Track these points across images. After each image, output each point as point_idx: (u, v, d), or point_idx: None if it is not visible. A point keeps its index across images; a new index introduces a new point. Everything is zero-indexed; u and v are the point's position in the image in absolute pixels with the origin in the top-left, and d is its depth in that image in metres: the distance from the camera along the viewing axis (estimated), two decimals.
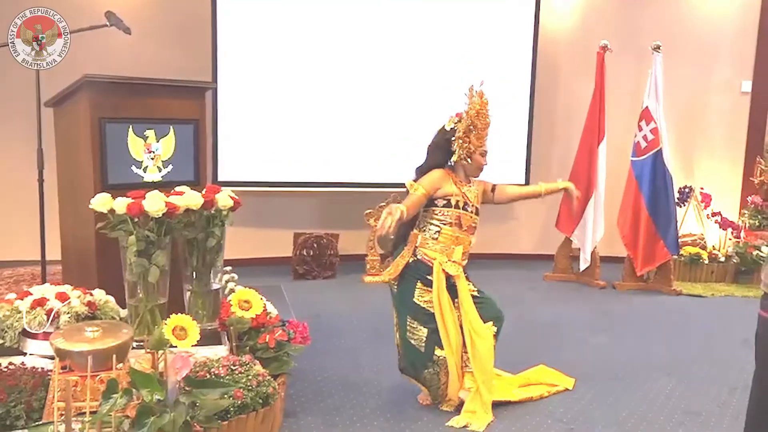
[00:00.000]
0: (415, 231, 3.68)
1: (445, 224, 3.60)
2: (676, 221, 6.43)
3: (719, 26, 7.23)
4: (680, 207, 6.88)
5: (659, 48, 6.27)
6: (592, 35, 6.89)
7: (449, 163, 3.70)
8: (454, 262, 3.59)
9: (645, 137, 6.32)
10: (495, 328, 3.67)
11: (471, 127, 3.57)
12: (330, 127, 6.55)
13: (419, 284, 3.63)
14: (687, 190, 6.99)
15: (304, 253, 6.56)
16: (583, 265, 6.55)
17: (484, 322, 3.62)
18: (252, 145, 6.43)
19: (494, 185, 3.85)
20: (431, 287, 3.59)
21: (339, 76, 6.50)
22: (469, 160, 3.62)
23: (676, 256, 6.51)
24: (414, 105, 6.58)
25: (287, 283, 6.27)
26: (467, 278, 3.67)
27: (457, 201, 3.60)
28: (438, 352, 3.59)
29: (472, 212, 3.65)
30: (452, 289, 3.63)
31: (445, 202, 3.61)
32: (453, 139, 3.62)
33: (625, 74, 7.05)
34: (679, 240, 6.53)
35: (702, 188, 7.11)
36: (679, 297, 6.27)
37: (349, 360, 4.35)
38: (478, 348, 3.57)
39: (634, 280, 6.49)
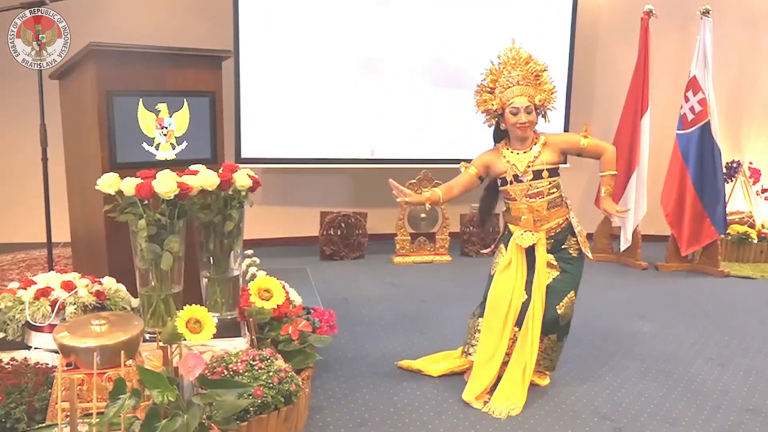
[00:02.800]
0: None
1: (507, 200, 3.53)
2: (725, 198, 6.06)
3: None
4: (727, 183, 6.50)
5: (708, 12, 5.87)
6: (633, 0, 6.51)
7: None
8: (527, 231, 3.45)
9: (692, 109, 5.95)
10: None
11: (493, 82, 3.44)
12: (358, 101, 6.27)
13: (501, 248, 3.58)
14: (735, 165, 6.61)
15: (332, 233, 6.33)
16: (624, 245, 6.23)
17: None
18: (277, 120, 6.16)
19: (584, 139, 3.49)
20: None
21: (369, 47, 6.20)
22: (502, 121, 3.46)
23: (722, 236, 6.15)
24: (445, 77, 6.27)
25: (314, 265, 6.04)
26: (555, 255, 3.48)
27: (504, 178, 3.46)
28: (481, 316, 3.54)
29: (528, 180, 3.41)
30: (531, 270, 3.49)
31: (500, 180, 3.50)
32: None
33: (669, 42, 6.69)
34: (727, 218, 6.17)
35: (750, 163, 6.72)
36: (726, 279, 5.94)
37: (379, 349, 4.09)
38: (531, 322, 3.42)
39: (678, 261, 6.16)
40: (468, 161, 3.57)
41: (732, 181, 6.62)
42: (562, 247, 3.49)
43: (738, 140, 6.94)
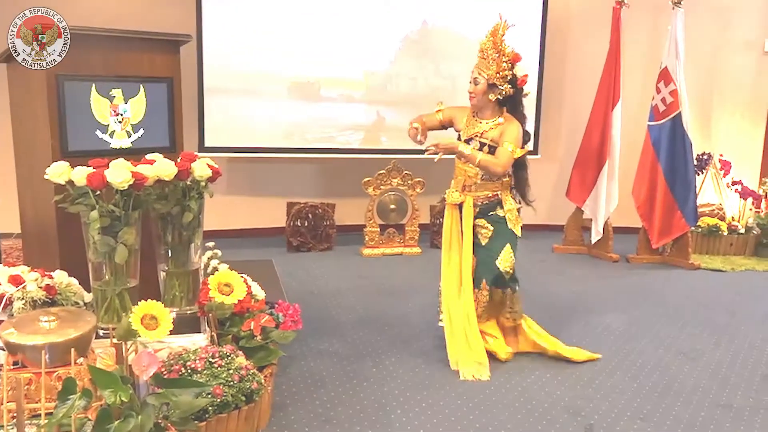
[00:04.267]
0: None
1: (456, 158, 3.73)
2: (696, 191, 6.02)
3: None
4: (698, 175, 6.45)
5: (680, 3, 5.81)
6: None
7: None
8: (456, 191, 3.74)
9: (663, 100, 5.91)
10: (487, 286, 3.76)
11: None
12: (326, 90, 6.13)
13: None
14: (705, 157, 6.58)
15: (299, 224, 6.20)
16: (595, 237, 6.18)
17: (479, 279, 3.76)
18: (242, 108, 6.00)
19: (498, 146, 3.62)
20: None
21: (338, 34, 6.05)
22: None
23: (693, 228, 6.12)
24: (415, 65, 6.17)
25: (280, 256, 5.90)
26: (485, 218, 3.74)
27: (459, 135, 3.77)
28: (441, 282, 3.83)
29: (475, 147, 3.64)
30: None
31: (456, 136, 3.80)
32: None
33: (641, 32, 6.62)
34: (698, 210, 6.14)
35: (721, 155, 6.69)
36: (697, 271, 5.91)
37: (346, 344, 3.98)
38: (462, 296, 3.74)
39: (649, 253, 6.13)
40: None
41: (702, 173, 6.60)
42: (490, 213, 3.75)
43: (708, 132, 6.92)
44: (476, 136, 3.66)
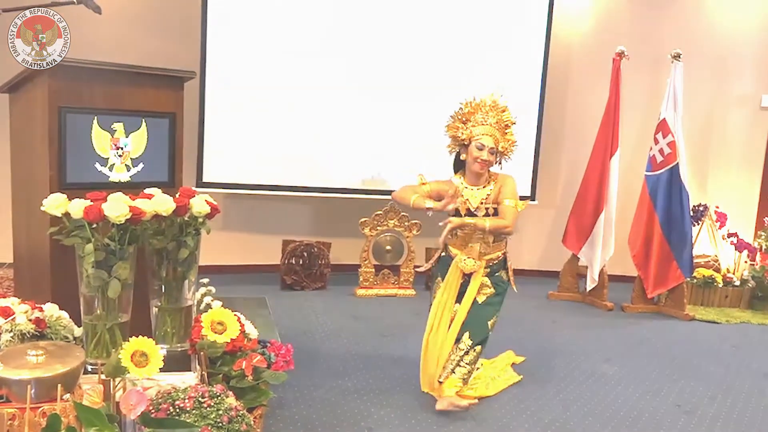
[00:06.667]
0: None
1: (458, 229, 3.74)
2: (692, 242, 6.02)
3: (740, 36, 6.85)
4: (694, 226, 6.47)
5: (679, 56, 5.89)
6: (605, 41, 6.55)
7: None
8: (470, 258, 3.73)
9: (661, 151, 5.94)
10: (470, 341, 3.70)
11: (468, 115, 3.72)
12: (326, 129, 6.15)
13: (438, 280, 3.84)
14: (701, 208, 6.59)
15: (293, 262, 6.16)
16: (591, 284, 6.15)
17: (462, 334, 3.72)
18: (241, 144, 6.01)
19: (502, 204, 3.73)
20: None
21: (338, 75, 6.09)
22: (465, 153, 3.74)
23: (688, 279, 6.10)
24: (417, 110, 6.19)
25: (273, 294, 5.86)
26: (490, 279, 3.79)
27: (458, 209, 3.71)
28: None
29: (482, 215, 3.72)
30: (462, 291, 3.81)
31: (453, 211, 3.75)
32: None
33: (639, 83, 6.69)
34: (693, 261, 6.13)
35: (717, 207, 6.71)
36: (692, 322, 5.87)
37: (338, 386, 3.92)
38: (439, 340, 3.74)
39: (643, 303, 6.11)
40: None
41: (698, 224, 6.60)
42: (496, 274, 3.83)
43: (705, 184, 6.96)
44: (482, 204, 3.75)
